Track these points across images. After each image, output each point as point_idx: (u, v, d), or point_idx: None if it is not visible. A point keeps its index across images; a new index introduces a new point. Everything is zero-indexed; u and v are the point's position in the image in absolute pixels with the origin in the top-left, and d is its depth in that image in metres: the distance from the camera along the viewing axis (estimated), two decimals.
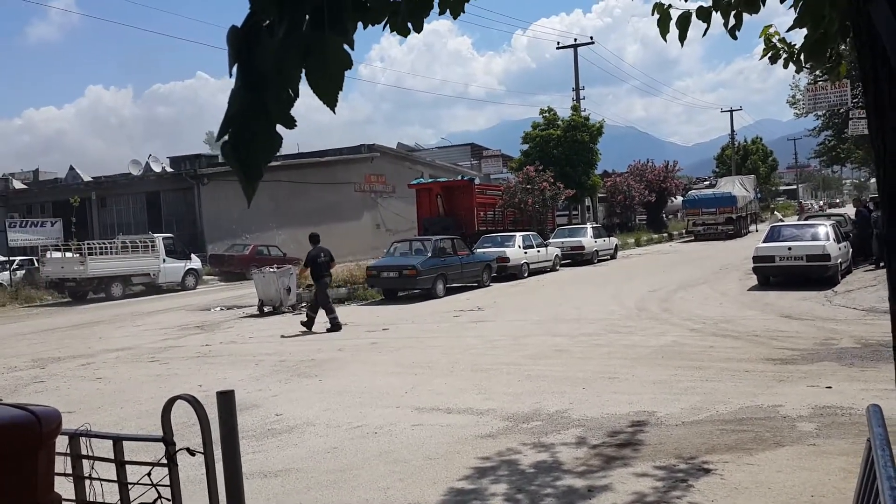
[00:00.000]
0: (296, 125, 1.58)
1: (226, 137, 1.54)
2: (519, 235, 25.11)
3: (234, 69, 1.52)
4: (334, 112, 1.59)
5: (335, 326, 14.31)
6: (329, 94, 1.54)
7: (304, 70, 1.54)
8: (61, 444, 2.44)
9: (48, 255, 26.70)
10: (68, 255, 26.18)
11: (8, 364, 12.50)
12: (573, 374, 9.04)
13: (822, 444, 5.92)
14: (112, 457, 2.61)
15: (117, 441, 2.59)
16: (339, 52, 1.53)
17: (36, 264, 28.20)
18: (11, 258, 29.26)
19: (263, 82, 1.51)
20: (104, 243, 27.25)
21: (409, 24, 3.14)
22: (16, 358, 13.17)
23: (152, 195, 36.79)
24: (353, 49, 1.57)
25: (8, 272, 28.04)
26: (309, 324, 14.44)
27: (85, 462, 2.62)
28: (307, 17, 1.52)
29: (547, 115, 40.55)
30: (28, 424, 2.10)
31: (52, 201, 39.11)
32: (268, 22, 1.53)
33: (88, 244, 26.04)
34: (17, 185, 42.88)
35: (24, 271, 28.82)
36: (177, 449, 2.55)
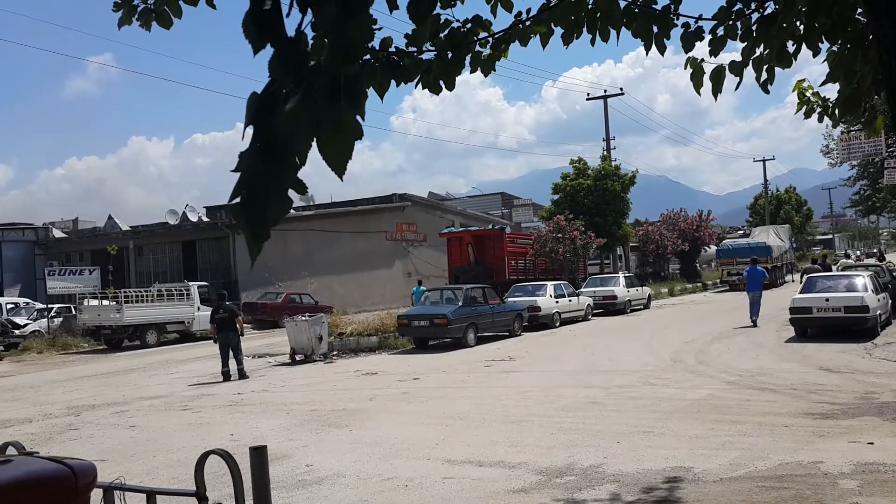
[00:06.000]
0: (307, 191, 1.62)
1: (237, 199, 1.57)
2: (550, 284, 24.98)
3: (249, 132, 1.56)
4: (342, 179, 1.63)
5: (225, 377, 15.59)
6: (338, 162, 1.58)
7: (315, 138, 1.58)
8: (95, 496, 2.46)
9: (85, 302, 27.13)
10: (105, 303, 26.57)
11: (44, 411, 12.64)
12: (607, 428, 8.89)
13: (865, 502, 5.73)
14: None
15: (151, 495, 2.60)
16: (351, 122, 1.57)
17: (73, 312, 28.64)
18: (50, 306, 29.78)
19: (278, 148, 1.55)
20: (140, 291, 27.63)
21: (441, 82, 3.21)
22: (51, 405, 13.31)
23: (188, 244, 37.35)
24: (364, 120, 1.62)
25: (46, 319, 28.52)
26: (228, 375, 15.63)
27: None
28: (323, 87, 1.56)
29: (577, 164, 40.72)
30: (64, 478, 2.12)
31: (90, 250, 39.88)
32: (286, 90, 1.57)
33: (125, 292, 26.42)
34: (57, 233, 43.84)
35: (61, 319, 29.28)
36: (210, 503, 2.55)
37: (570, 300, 25.29)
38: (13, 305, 31.10)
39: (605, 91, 45.51)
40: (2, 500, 1.97)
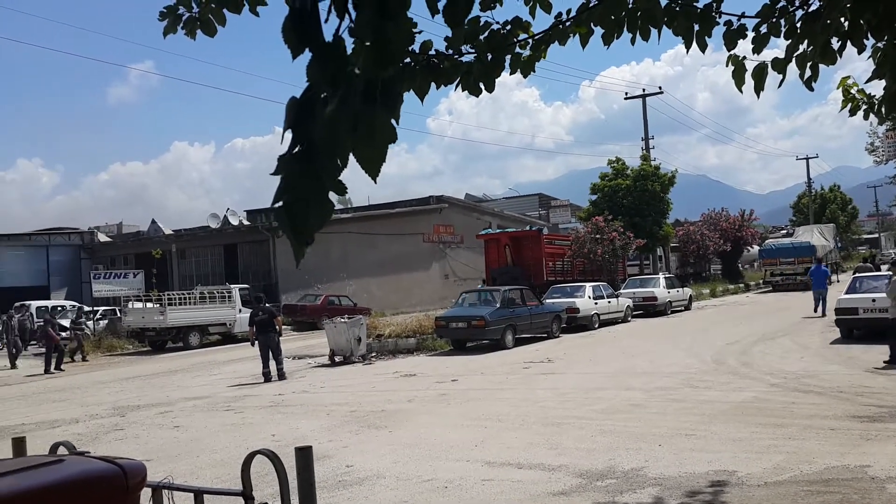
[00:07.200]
0: (347, 192, 1.64)
1: (280, 203, 1.60)
2: (589, 286, 24.80)
3: (287, 136, 1.59)
4: (375, 182, 1.64)
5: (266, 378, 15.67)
6: (373, 165, 1.60)
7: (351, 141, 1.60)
8: (144, 495, 2.51)
9: (130, 305, 27.65)
10: (149, 305, 27.06)
11: (90, 412, 12.91)
12: (648, 430, 8.80)
13: None
14: None
15: (198, 494, 2.64)
16: (385, 126, 1.59)
17: (118, 314, 29.21)
18: (95, 308, 30.41)
19: (317, 152, 1.57)
20: (183, 294, 28.08)
21: (481, 84, 3.23)
22: (97, 406, 13.59)
23: (230, 247, 37.88)
24: (398, 123, 1.63)
25: (92, 322, 29.13)
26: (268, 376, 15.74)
27: None
28: (360, 91, 1.58)
29: (615, 165, 40.41)
30: (115, 477, 2.17)
31: (134, 253, 40.70)
32: (324, 95, 1.60)
33: (168, 295, 26.87)
34: (102, 237, 44.77)
35: (106, 321, 29.89)
36: (256, 503, 2.59)
37: (609, 301, 25.08)
38: (59, 308, 31.83)
39: (644, 90, 45.15)
40: (55, 500, 2.02)
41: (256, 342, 16.10)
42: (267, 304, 16.93)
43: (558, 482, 6.83)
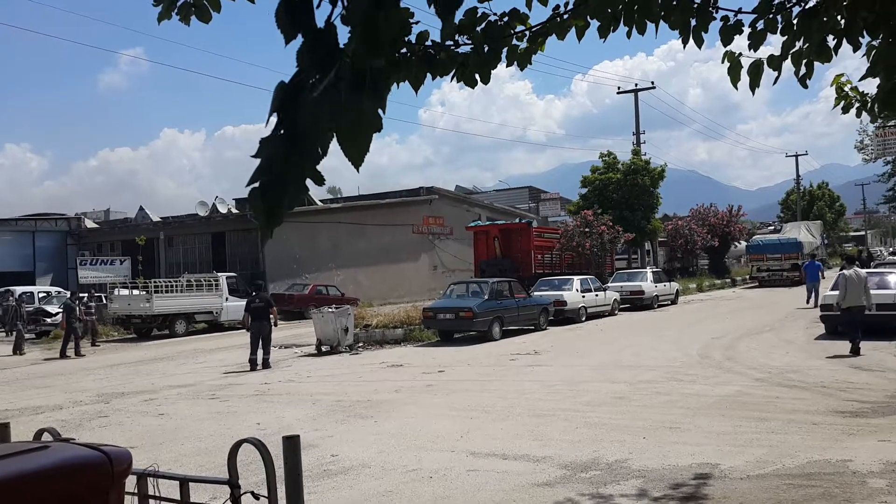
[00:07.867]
0: (324, 182, 1.64)
1: (256, 184, 1.60)
2: (577, 279, 24.87)
3: (272, 120, 1.59)
4: (358, 171, 1.65)
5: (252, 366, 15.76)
6: (356, 153, 1.59)
7: (335, 128, 1.59)
8: (129, 482, 2.49)
9: (116, 292, 27.47)
10: (135, 292, 26.90)
11: (74, 398, 12.85)
12: (633, 423, 8.85)
13: (894, 501, 5.65)
14: (178, 497, 2.66)
15: (184, 482, 2.63)
16: (371, 114, 1.59)
17: (104, 301, 29.05)
18: (81, 294, 30.16)
19: (300, 137, 1.57)
20: (170, 281, 27.93)
21: (477, 76, 3.22)
22: (81, 392, 13.52)
23: (218, 235, 37.70)
24: (384, 113, 1.62)
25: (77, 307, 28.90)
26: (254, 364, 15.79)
27: (151, 501, 2.67)
28: (348, 79, 1.57)
29: (606, 158, 40.46)
30: (100, 465, 2.15)
31: (121, 240, 40.44)
32: (312, 80, 1.59)
33: (155, 282, 26.72)
34: (89, 224, 44.47)
35: None
36: (242, 492, 2.58)
37: (596, 295, 25.17)
38: (45, 294, 31.61)
39: (636, 85, 45.16)
40: (40, 486, 2.01)
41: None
42: (264, 293, 17.00)
43: (543, 473, 6.86)
